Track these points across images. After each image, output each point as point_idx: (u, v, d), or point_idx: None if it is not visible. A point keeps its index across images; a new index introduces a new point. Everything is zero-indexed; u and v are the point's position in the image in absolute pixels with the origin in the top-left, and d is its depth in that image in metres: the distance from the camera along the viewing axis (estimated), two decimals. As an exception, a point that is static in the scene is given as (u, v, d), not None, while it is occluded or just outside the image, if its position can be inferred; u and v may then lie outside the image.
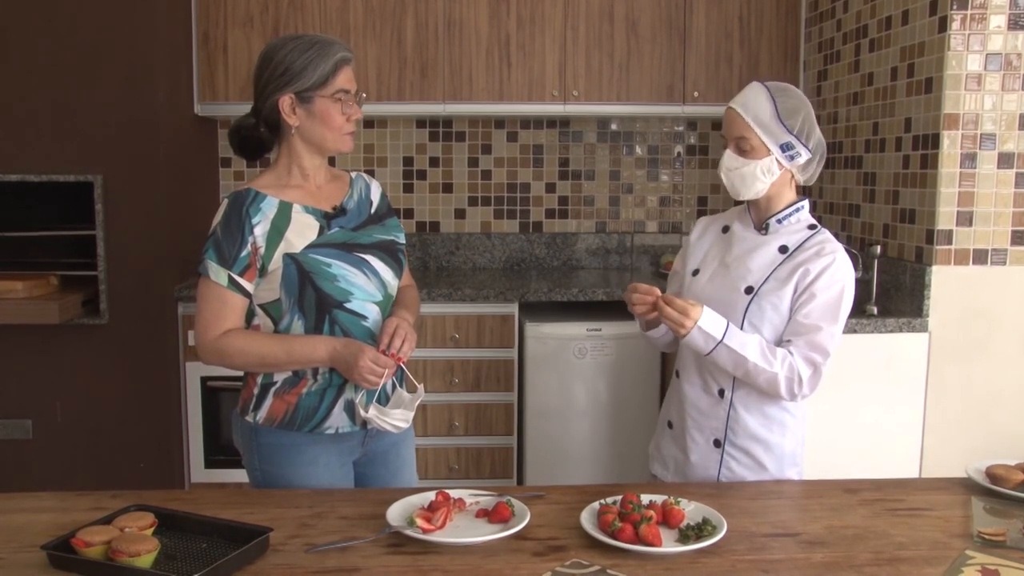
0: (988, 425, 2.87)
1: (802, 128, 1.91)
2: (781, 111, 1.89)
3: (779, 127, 1.89)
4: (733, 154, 1.94)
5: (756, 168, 1.91)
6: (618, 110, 3.69)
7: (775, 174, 1.92)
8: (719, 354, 1.87)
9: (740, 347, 1.85)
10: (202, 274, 1.82)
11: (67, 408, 3.25)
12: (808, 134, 1.92)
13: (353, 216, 1.94)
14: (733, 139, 1.93)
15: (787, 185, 1.97)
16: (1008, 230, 2.82)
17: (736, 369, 1.89)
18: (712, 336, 1.85)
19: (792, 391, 1.89)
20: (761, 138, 1.90)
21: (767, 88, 1.92)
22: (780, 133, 1.89)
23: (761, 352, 1.87)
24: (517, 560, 1.48)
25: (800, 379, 1.87)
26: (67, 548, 1.44)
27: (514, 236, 4.05)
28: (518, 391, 3.40)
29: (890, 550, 1.53)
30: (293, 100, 1.83)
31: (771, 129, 1.89)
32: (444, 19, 3.57)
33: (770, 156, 1.91)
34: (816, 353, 1.88)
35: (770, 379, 1.87)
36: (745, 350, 1.86)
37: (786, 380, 1.87)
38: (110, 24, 3.13)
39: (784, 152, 1.91)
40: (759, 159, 1.91)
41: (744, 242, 2.01)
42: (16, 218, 3.30)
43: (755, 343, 1.87)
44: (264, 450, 1.90)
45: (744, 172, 1.92)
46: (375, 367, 1.78)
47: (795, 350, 1.88)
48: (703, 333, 1.85)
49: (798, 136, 1.90)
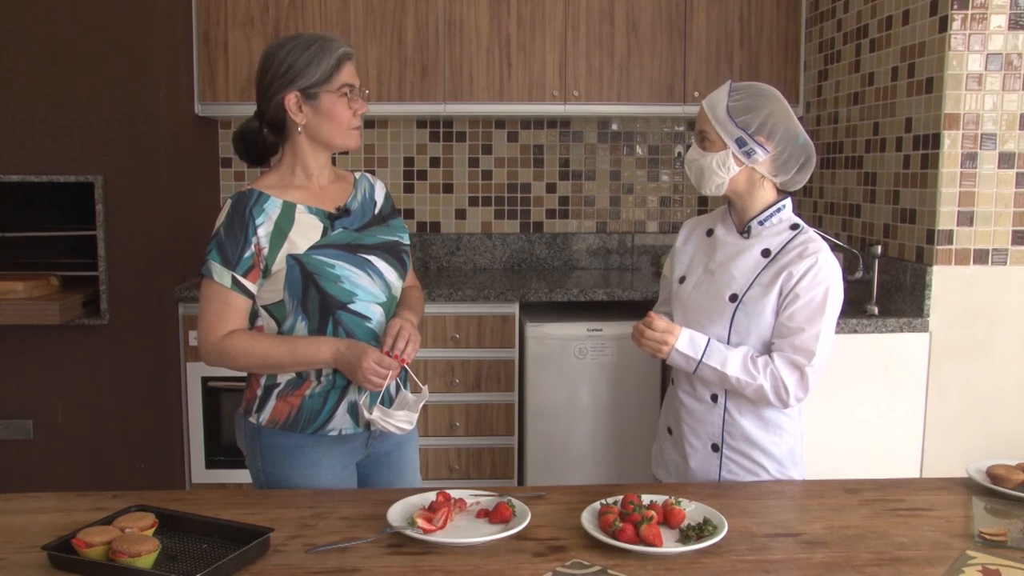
0: (989, 425, 2.87)
1: (761, 127, 1.91)
2: (732, 107, 1.92)
3: (730, 122, 1.92)
4: (695, 146, 2.00)
5: (712, 161, 1.95)
6: (618, 110, 3.69)
7: (732, 169, 1.94)
8: (703, 372, 1.93)
9: (720, 364, 1.90)
10: (205, 275, 1.82)
11: (68, 409, 3.25)
12: (771, 132, 1.92)
13: (357, 217, 1.94)
14: (697, 132, 1.99)
15: (758, 184, 1.97)
16: (1009, 230, 2.82)
17: (722, 384, 1.94)
18: (692, 357, 1.91)
19: (781, 398, 1.91)
20: (717, 131, 1.94)
21: (730, 85, 1.97)
22: (732, 129, 1.92)
23: (743, 366, 1.89)
24: (518, 560, 1.48)
25: (785, 386, 1.89)
26: (68, 549, 1.45)
27: (515, 236, 4.05)
28: (519, 391, 3.40)
29: (891, 550, 1.53)
30: (299, 97, 1.83)
31: (724, 123, 1.93)
32: (444, 19, 3.57)
33: (726, 151, 1.94)
34: (800, 356, 1.88)
35: (756, 390, 1.91)
36: (726, 367, 1.90)
37: (772, 389, 1.89)
38: (110, 24, 3.13)
39: (740, 148, 1.93)
40: (715, 152, 1.95)
41: (727, 247, 2.02)
42: (17, 218, 3.30)
43: (736, 357, 1.90)
44: (267, 451, 1.90)
45: (702, 164, 1.97)
46: (379, 369, 1.77)
47: (778, 356, 1.90)
48: (683, 356, 1.92)
49: (752, 134, 1.91)
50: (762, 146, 1.92)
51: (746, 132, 1.91)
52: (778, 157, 1.94)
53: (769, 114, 1.92)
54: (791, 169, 1.96)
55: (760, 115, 1.91)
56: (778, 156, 1.94)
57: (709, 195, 2.01)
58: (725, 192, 1.98)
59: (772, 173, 1.96)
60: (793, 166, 1.96)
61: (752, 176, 1.96)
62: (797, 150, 1.95)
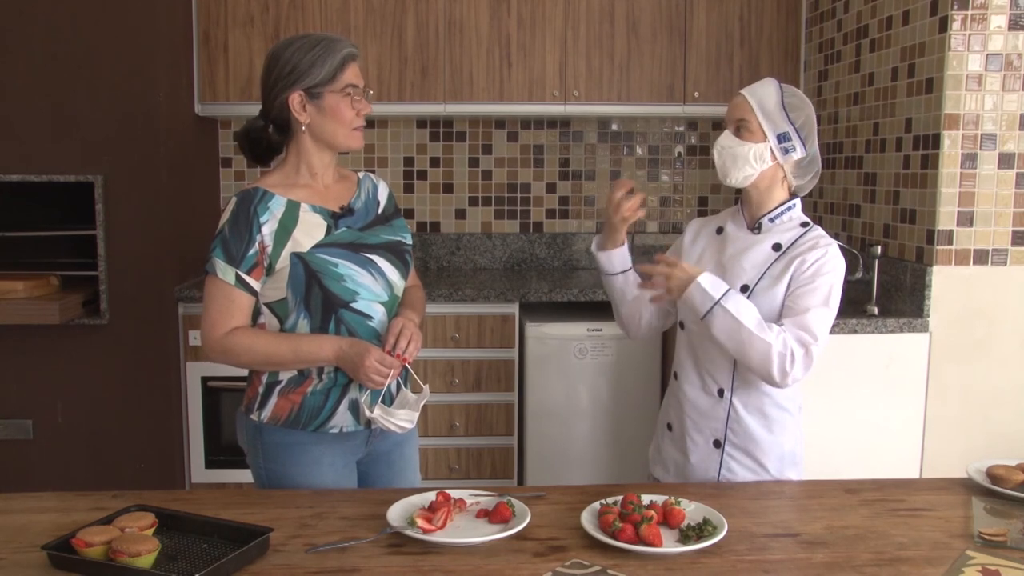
0: (988, 425, 2.87)
1: (803, 126, 1.96)
2: (787, 103, 1.95)
3: (781, 115, 1.94)
4: (730, 134, 1.98)
5: (750, 151, 1.95)
6: (618, 110, 3.69)
7: (766, 163, 1.95)
8: (715, 316, 1.85)
9: (736, 311, 1.84)
10: (209, 272, 1.83)
11: (68, 408, 3.25)
12: (807, 135, 1.97)
13: (360, 216, 1.95)
14: (734, 121, 1.98)
15: (778, 184, 2.00)
16: (1008, 230, 2.82)
17: (730, 338, 1.86)
18: (710, 295, 1.86)
19: (784, 368, 1.84)
20: (761, 122, 1.94)
21: (778, 82, 1.99)
22: (780, 122, 1.94)
23: (758, 322, 1.85)
24: (518, 560, 1.48)
25: (793, 356, 1.84)
26: (68, 548, 1.45)
27: (515, 236, 4.05)
28: (518, 391, 3.40)
29: (891, 550, 1.53)
30: (303, 97, 1.84)
31: (772, 116, 1.94)
32: (445, 19, 3.57)
33: (765, 143, 1.95)
34: (806, 334, 1.86)
35: (764, 351, 1.84)
36: (741, 316, 1.84)
37: (779, 356, 1.84)
38: (110, 24, 3.13)
39: (780, 143, 1.94)
40: (754, 143, 1.95)
41: (738, 242, 2.03)
42: (17, 218, 3.30)
43: (753, 311, 1.87)
44: (268, 449, 1.90)
45: (737, 152, 1.96)
46: (381, 367, 1.78)
47: (787, 330, 1.88)
48: (701, 291, 1.86)
49: (798, 130, 1.94)
50: (803, 144, 1.95)
51: (793, 127, 1.94)
52: (805, 159, 1.98)
53: (808, 116, 1.97)
54: (808, 174, 2.01)
55: (802, 115, 1.96)
56: (806, 158, 1.98)
57: (733, 185, 1.99)
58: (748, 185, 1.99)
59: (794, 174, 2.00)
60: (811, 171, 2.01)
61: (776, 174, 1.98)
62: (815, 157, 2.01)
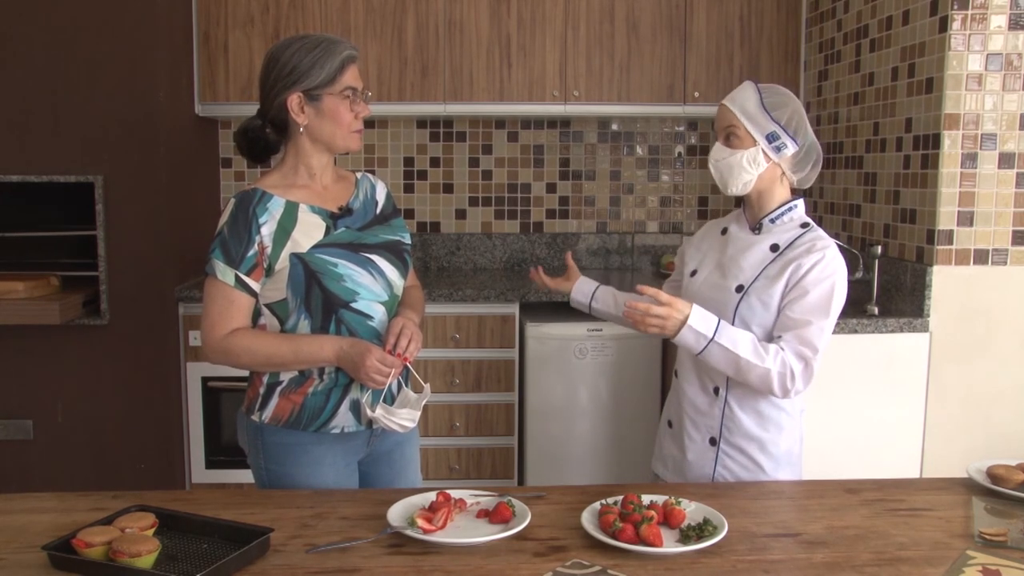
0: (989, 425, 2.87)
1: (789, 122, 1.96)
2: (766, 103, 1.96)
3: (764, 116, 1.94)
4: (721, 145, 2.00)
5: (742, 158, 1.95)
6: (619, 110, 3.69)
7: (761, 165, 1.96)
8: (711, 352, 1.89)
9: (731, 344, 1.87)
10: (209, 273, 1.83)
11: (68, 408, 3.25)
12: (796, 129, 1.96)
13: (359, 216, 1.95)
14: (722, 131, 1.99)
15: (778, 183, 2.00)
16: (1009, 230, 2.82)
17: (728, 367, 1.90)
18: (703, 334, 1.88)
19: (785, 386, 1.89)
20: (747, 127, 1.95)
21: (755, 84, 2.00)
22: (765, 122, 1.94)
23: (753, 348, 1.88)
24: (518, 560, 1.48)
25: (792, 374, 1.88)
26: (68, 549, 1.45)
27: (515, 236, 4.05)
28: (519, 391, 3.40)
29: (891, 550, 1.53)
30: (301, 99, 1.84)
31: (756, 119, 1.95)
32: (445, 19, 3.57)
33: (756, 147, 1.95)
34: (806, 348, 1.89)
35: (762, 375, 1.88)
36: (737, 347, 1.87)
37: (778, 376, 1.88)
38: (110, 24, 3.13)
39: (770, 143, 1.95)
40: (745, 148, 1.95)
41: (738, 242, 2.04)
42: (17, 218, 3.30)
43: (747, 339, 1.89)
44: (269, 449, 1.90)
45: (731, 162, 1.97)
46: (381, 367, 1.78)
47: (786, 345, 1.89)
48: (694, 332, 1.88)
49: (784, 127, 1.94)
50: (793, 139, 1.95)
51: (779, 125, 1.94)
52: (799, 152, 1.98)
53: (794, 110, 1.97)
54: (807, 166, 2.01)
55: (787, 111, 1.96)
56: (800, 151, 1.98)
57: (735, 194, 2.00)
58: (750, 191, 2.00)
59: (792, 170, 2.00)
60: (808, 163, 2.01)
61: (774, 174, 1.99)
62: (815, 149, 2.00)
